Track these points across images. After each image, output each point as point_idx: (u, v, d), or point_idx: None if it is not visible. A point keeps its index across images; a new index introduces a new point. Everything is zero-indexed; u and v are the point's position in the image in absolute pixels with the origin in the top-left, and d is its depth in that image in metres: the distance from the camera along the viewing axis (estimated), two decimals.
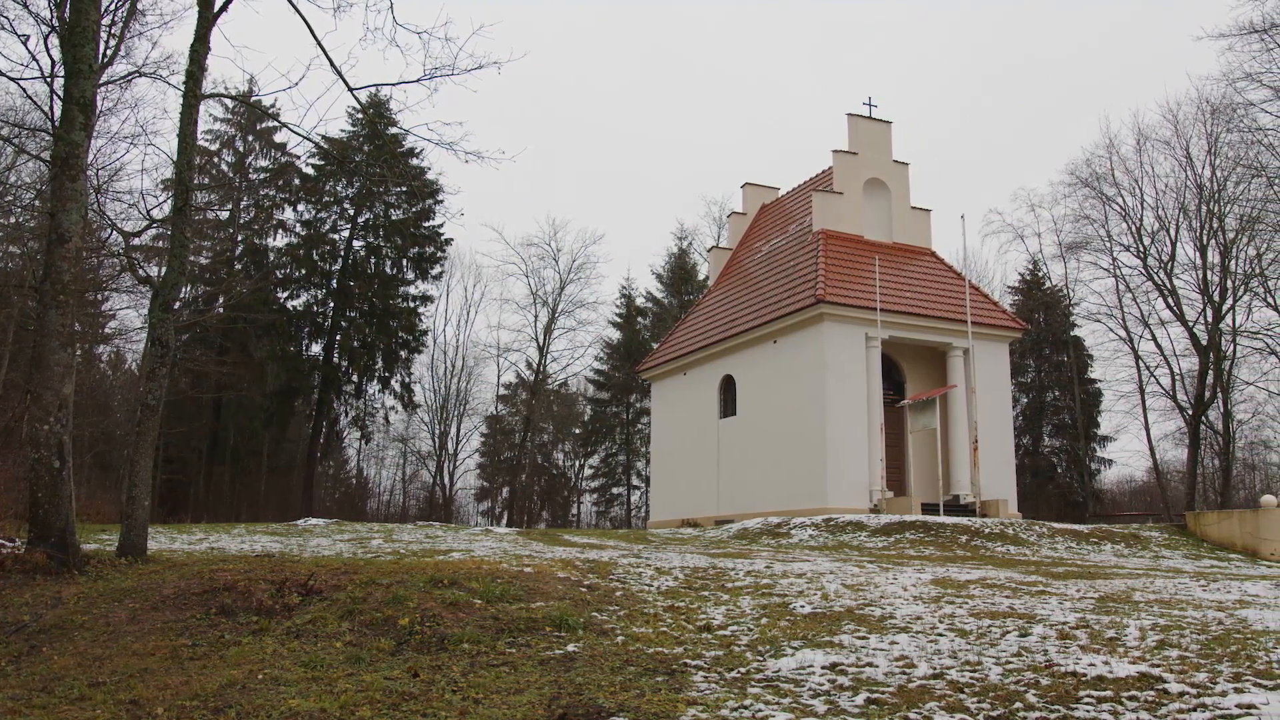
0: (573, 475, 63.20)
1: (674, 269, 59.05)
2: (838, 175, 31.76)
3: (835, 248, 30.00)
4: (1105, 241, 47.03)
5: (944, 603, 9.62)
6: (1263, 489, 51.42)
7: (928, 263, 31.62)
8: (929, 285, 30.09)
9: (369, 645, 7.56)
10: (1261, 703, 5.54)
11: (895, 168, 32.48)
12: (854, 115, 32.12)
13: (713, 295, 36.28)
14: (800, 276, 29.51)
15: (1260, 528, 21.36)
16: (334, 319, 47.32)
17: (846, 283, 28.18)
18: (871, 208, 31.83)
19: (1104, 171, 46.83)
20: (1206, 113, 43.19)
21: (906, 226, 32.20)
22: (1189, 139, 44.55)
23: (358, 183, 46.40)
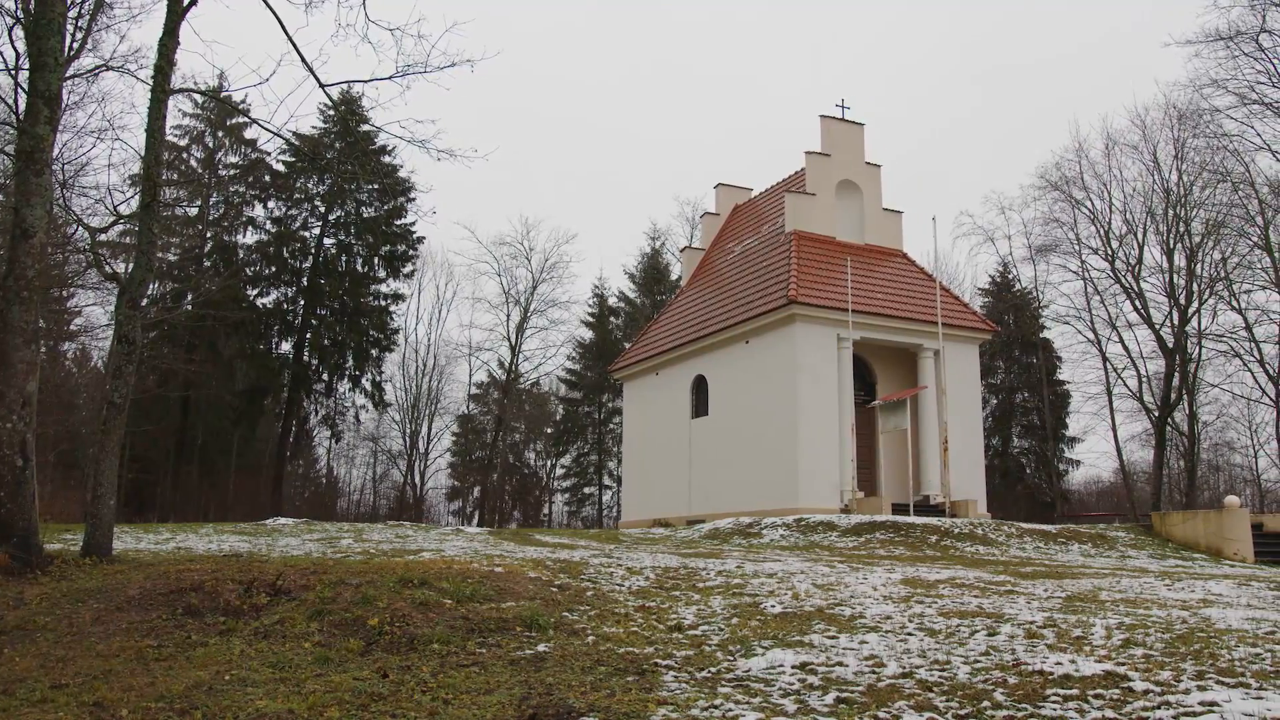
0: (544, 475, 63.11)
1: (647, 269, 59.08)
2: (810, 176, 31.90)
3: (807, 249, 30.13)
4: (1074, 244, 47.53)
5: (913, 602, 9.68)
6: (1226, 490, 52.18)
7: (899, 264, 31.82)
8: (900, 286, 30.28)
9: (338, 646, 7.50)
10: (1224, 700, 5.61)
11: (867, 169, 32.67)
12: (827, 117, 32.27)
13: (685, 295, 36.33)
14: (772, 277, 29.61)
15: (1224, 528, 21.65)
16: (304, 317, 46.99)
17: (818, 284, 28.30)
18: (844, 209, 32.00)
19: (1073, 175, 47.33)
20: (1174, 118, 43.74)
21: (878, 228, 32.39)
22: (1156, 144, 45.10)
23: (329, 180, 46.07)
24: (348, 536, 17.05)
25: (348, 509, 59.87)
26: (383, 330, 49.25)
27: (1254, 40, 37.02)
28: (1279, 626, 8.20)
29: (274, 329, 47.60)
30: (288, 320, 47.38)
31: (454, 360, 61.29)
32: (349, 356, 48.28)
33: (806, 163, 32.15)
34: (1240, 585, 12.13)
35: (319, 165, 43.37)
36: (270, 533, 17.93)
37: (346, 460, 63.94)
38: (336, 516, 51.68)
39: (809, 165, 32.01)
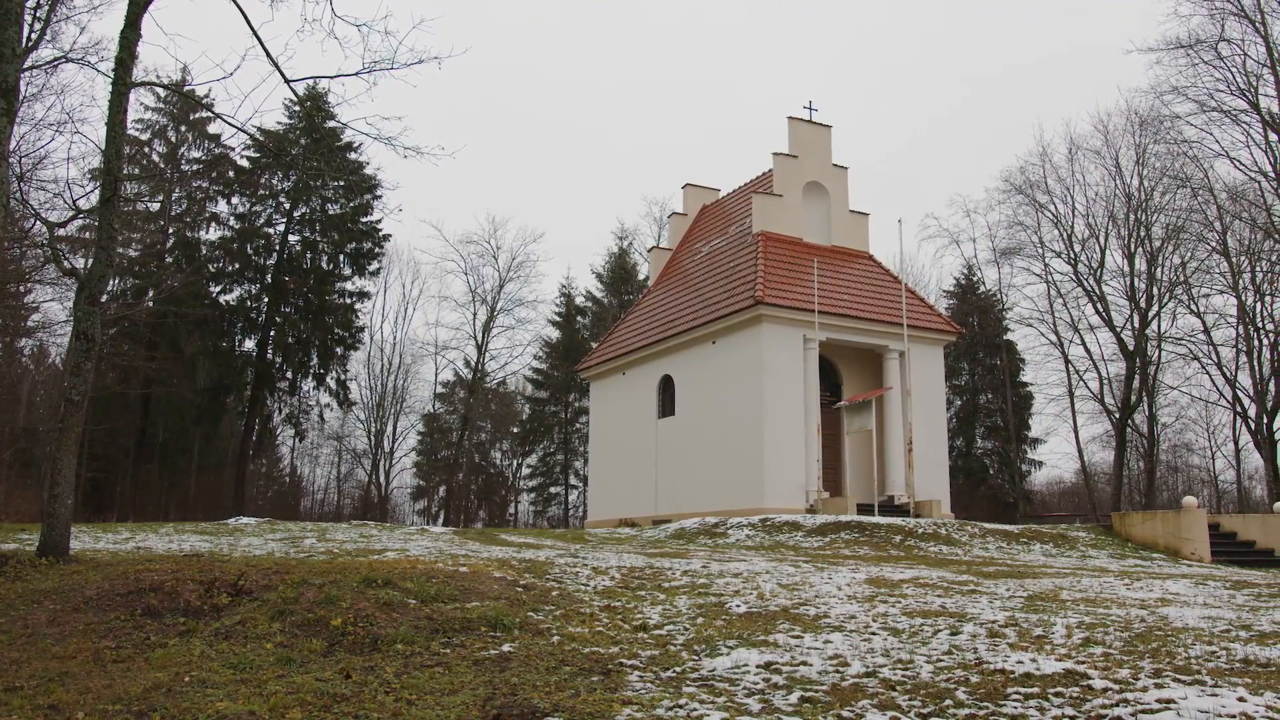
0: (510, 474, 62.91)
1: (614, 268, 59.06)
2: (778, 178, 32.02)
3: (774, 250, 30.24)
4: (1038, 248, 48.11)
5: (878, 602, 9.74)
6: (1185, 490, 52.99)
7: (865, 266, 32.02)
8: (866, 288, 30.47)
9: (300, 646, 7.43)
10: (1180, 698, 5.70)
11: (835, 171, 32.85)
12: (794, 119, 32.41)
13: (652, 295, 36.35)
14: (739, 278, 29.69)
15: (1182, 528, 21.98)
16: (268, 314, 46.51)
17: (785, 285, 28.41)
18: (811, 210, 32.15)
19: (1037, 179, 47.92)
20: (1135, 124, 44.42)
21: (845, 230, 32.57)
22: (1118, 149, 45.76)
23: (294, 176, 45.63)
24: (311, 536, 16.89)
25: (311, 509, 59.36)
26: (348, 328, 48.86)
27: (1213, 49, 37.68)
28: (1234, 625, 8.33)
29: (237, 326, 47.09)
30: (251, 317, 46.88)
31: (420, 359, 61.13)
32: (313, 354, 47.84)
33: (774, 164, 32.28)
34: (1197, 584, 12.31)
35: (284, 161, 42.94)
36: (232, 532, 17.74)
37: (310, 459, 63.43)
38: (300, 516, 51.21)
39: (776, 166, 32.14)
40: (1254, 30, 36.53)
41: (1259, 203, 39.79)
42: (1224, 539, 23.21)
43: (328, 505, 60.50)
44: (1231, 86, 38.00)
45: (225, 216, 47.10)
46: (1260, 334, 42.77)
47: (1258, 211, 39.74)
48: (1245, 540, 23.42)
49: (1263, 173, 39.19)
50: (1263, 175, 39.23)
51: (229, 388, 46.70)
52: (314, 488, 63.87)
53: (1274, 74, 36.55)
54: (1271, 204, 39.16)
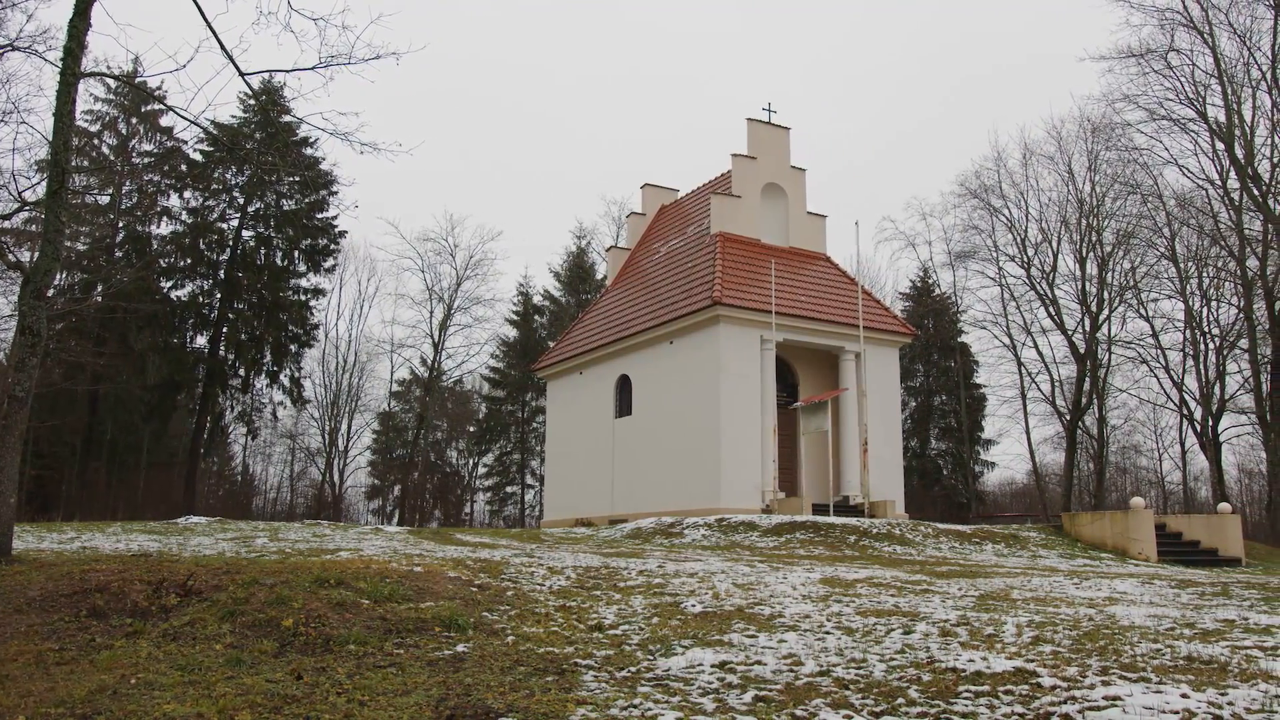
0: (466, 474, 62.58)
1: (572, 268, 58.98)
2: (736, 179, 32.13)
3: (732, 250, 30.34)
4: (992, 251, 48.75)
5: (832, 601, 9.80)
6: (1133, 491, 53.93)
7: (822, 267, 32.22)
8: (823, 290, 30.67)
9: (251, 647, 7.33)
10: (1126, 694, 5.79)
11: (793, 173, 33.03)
12: (753, 120, 32.54)
13: (610, 295, 36.32)
14: (697, 278, 29.75)
15: (1129, 528, 22.35)
16: (220, 310, 45.85)
17: (743, 285, 28.52)
18: (769, 212, 32.30)
19: (992, 184, 48.55)
20: (1088, 131, 45.15)
21: (802, 231, 32.76)
22: (1071, 155, 46.48)
23: (248, 171, 45.02)
24: (263, 535, 16.68)
25: (264, 508, 58.64)
26: (302, 325, 48.30)
27: (1163, 58, 38.41)
28: (1179, 623, 8.49)
29: (188, 322, 46.35)
30: (203, 314, 46.18)
31: (375, 357, 60.50)
32: (267, 351, 47.25)
33: (732, 165, 32.39)
34: (1144, 584, 12.53)
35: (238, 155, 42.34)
36: (182, 532, 17.46)
37: (263, 458, 62.66)
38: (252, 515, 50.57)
39: (735, 168, 32.25)
40: (1202, 41, 37.31)
41: (1206, 210, 40.63)
42: (1170, 539, 23.65)
43: (280, 504, 59.80)
44: (1181, 95, 38.79)
45: (177, 211, 46.37)
46: (1206, 338, 43.68)
47: (1205, 218, 40.58)
48: (1190, 540, 23.88)
49: (1210, 180, 40.05)
50: (1210, 183, 40.09)
51: (180, 385, 45.96)
52: (266, 487, 63.12)
53: (1221, 84, 37.33)
54: (1218, 211, 40.02)
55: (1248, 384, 41.27)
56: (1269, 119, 37.74)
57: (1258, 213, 37.73)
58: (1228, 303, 43.05)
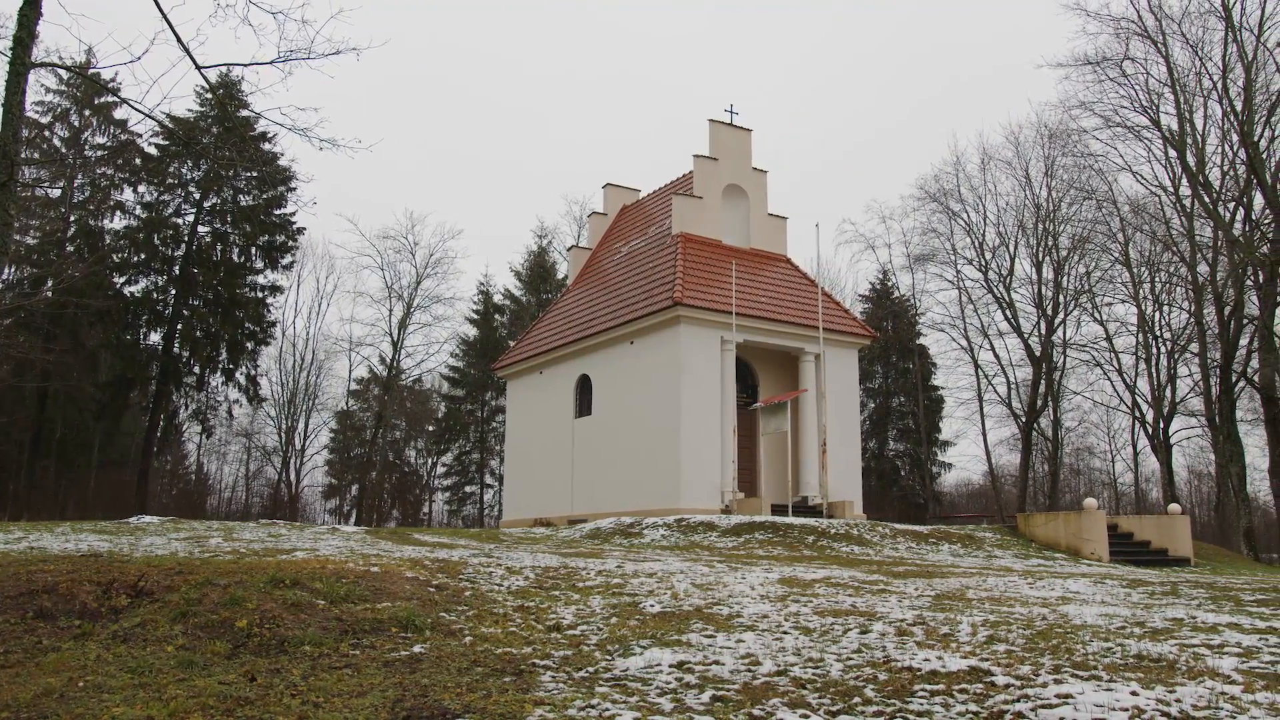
0: (425, 473, 62.20)
1: (533, 267, 58.82)
2: (698, 180, 32.19)
3: (693, 251, 30.41)
4: (950, 255, 49.31)
5: (790, 601, 9.85)
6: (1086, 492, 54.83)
7: (783, 269, 32.38)
8: (783, 291, 30.82)
9: (203, 649, 7.22)
10: (1078, 693, 5.87)
11: (754, 175, 33.16)
12: (715, 121, 32.63)
13: (571, 295, 36.26)
14: (658, 279, 29.78)
15: (1082, 529, 22.69)
16: (175, 307, 45.16)
17: (703, 286, 28.58)
18: (730, 213, 32.41)
19: (951, 188, 49.12)
20: (1045, 137, 45.84)
21: (763, 233, 32.91)
22: (1029, 161, 47.14)
23: (205, 166, 44.40)
24: (217, 535, 16.44)
25: (218, 507, 57.93)
26: (259, 322, 47.70)
27: (1118, 66, 39.00)
28: (1129, 622, 8.62)
29: (142, 319, 45.60)
30: (157, 310, 45.45)
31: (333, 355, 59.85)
32: (222, 349, 46.62)
33: (694, 166, 32.45)
34: (1096, 583, 12.71)
35: (194, 150, 41.78)
36: (133, 531, 17.17)
37: (218, 456, 61.91)
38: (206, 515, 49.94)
39: (696, 169, 32.31)
40: (1156, 51, 37.93)
41: (1159, 216, 41.36)
42: (1122, 539, 24.04)
43: (235, 504, 59.10)
44: (1135, 103, 39.42)
45: (131, 205, 45.61)
46: (1158, 342, 44.49)
47: (1157, 225, 41.31)
48: (1141, 540, 24.29)
49: (1163, 187, 40.75)
50: (1163, 190, 40.79)
51: (132, 382, 45.22)
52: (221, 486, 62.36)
53: (1174, 93, 37.99)
54: (1170, 218, 40.75)
55: (1198, 387, 42.09)
56: (1219, 128, 38.50)
57: (1208, 219, 38.44)
58: (1179, 307, 43.91)
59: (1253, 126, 36.13)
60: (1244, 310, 37.27)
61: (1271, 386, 35.99)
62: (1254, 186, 36.58)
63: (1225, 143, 38.38)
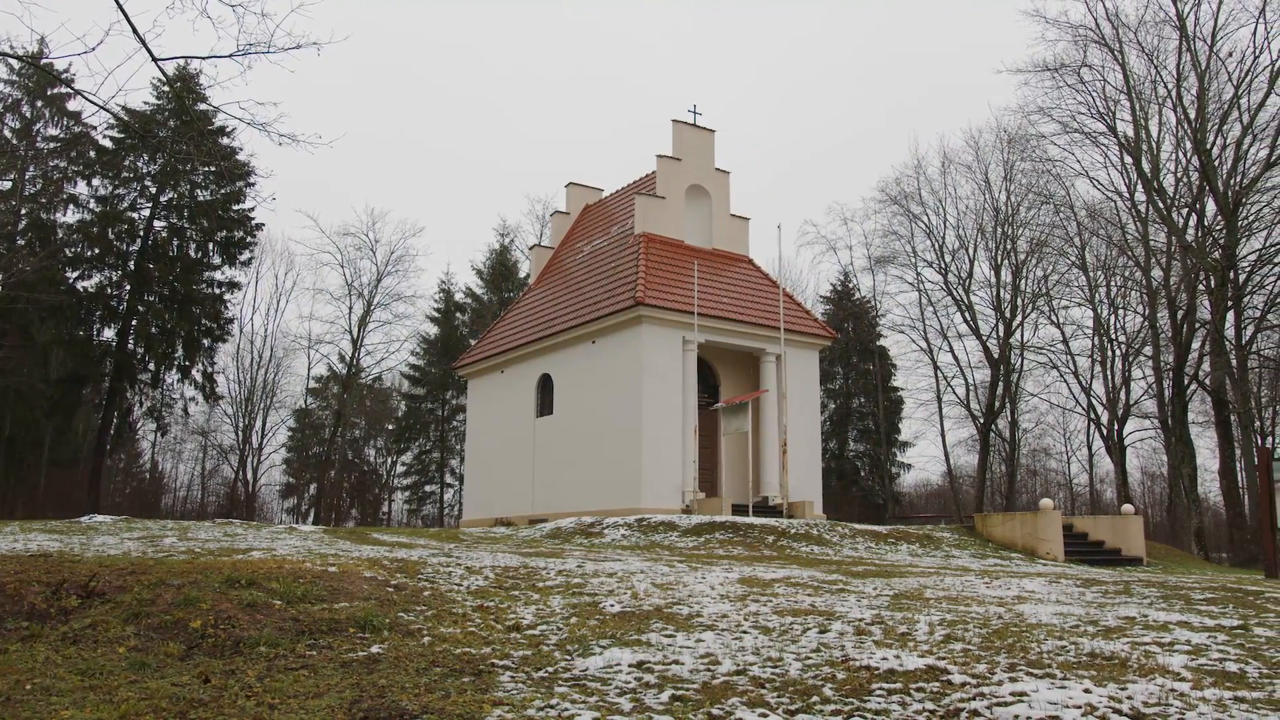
0: (384, 472, 61.72)
1: (495, 265, 58.59)
2: (661, 180, 32.22)
3: (656, 251, 30.43)
4: (911, 257, 49.77)
5: (749, 601, 9.88)
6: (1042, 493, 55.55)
7: (745, 270, 32.49)
8: (745, 292, 30.93)
9: (156, 650, 7.11)
10: (1032, 690, 5.94)
11: (717, 175, 33.24)
12: (679, 122, 32.68)
13: (533, 294, 36.15)
14: (620, 278, 29.77)
15: (1038, 529, 22.97)
16: (130, 303, 44.43)
17: (666, 286, 28.62)
18: (693, 213, 32.47)
19: (912, 191, 49.58)
20: (1004, 141, 46.38)
21: (726, 233, 33.00)
22: (988, 165, 47.69)
23: (161, 159, 43.72)
24: (171, 535, 16.21)
25: (173, 506, 57.12)
26: (216, 319, 47.06)
27: (1076, 73, 39.59)
28: (1083, 621, 8.74)
29: (95, 314, 44.80)
30: (111, 305, 44.69)
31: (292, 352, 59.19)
32: (178, 346, 45.92)
33: (657, 166, 32.47)
34: (1051, 582, 12.87)
35: (150, 143, 41.14)
36: (85, 531, 16.88)
37: (173, 455, 61.02)
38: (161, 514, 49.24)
39: (659, 169, 32.34)
40: (1113, 58, 38.54)
41: (1115, 221, 42.01)
42: (1077, 539, 24.38)
43: (191, 503, 58.31)
44: (1092, 110, 40.03)
45: (85, 199, 44.82)
46: (1113, 345, 45.16)
47: (1113, 229, 41.95)
48: (1096, 540, 24.64)
49: (1118, 193, 41.42)
50: (1118, 195, 41.46)
51: (85, 379, 44.44)
52: (176, 485, 61.49)
53: (1130, 100, 38.61)
54: (1126, 223, 41.40)
55: (1151, 390, 42.79)
56: (1173, 135, 39.19)
57: (1162, 225, 39.11)
58: (1134, 311, 44.62)
59: (1205, 134, 36.82)
60: (1196, 315, 37.95)
61: (1222, 390, 36.70)
62: (1206, 193, 37.30)
63: (1179, 150, 39.10)
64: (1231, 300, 36.79)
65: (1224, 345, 36.74)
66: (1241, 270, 37.12)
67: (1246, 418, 38.80)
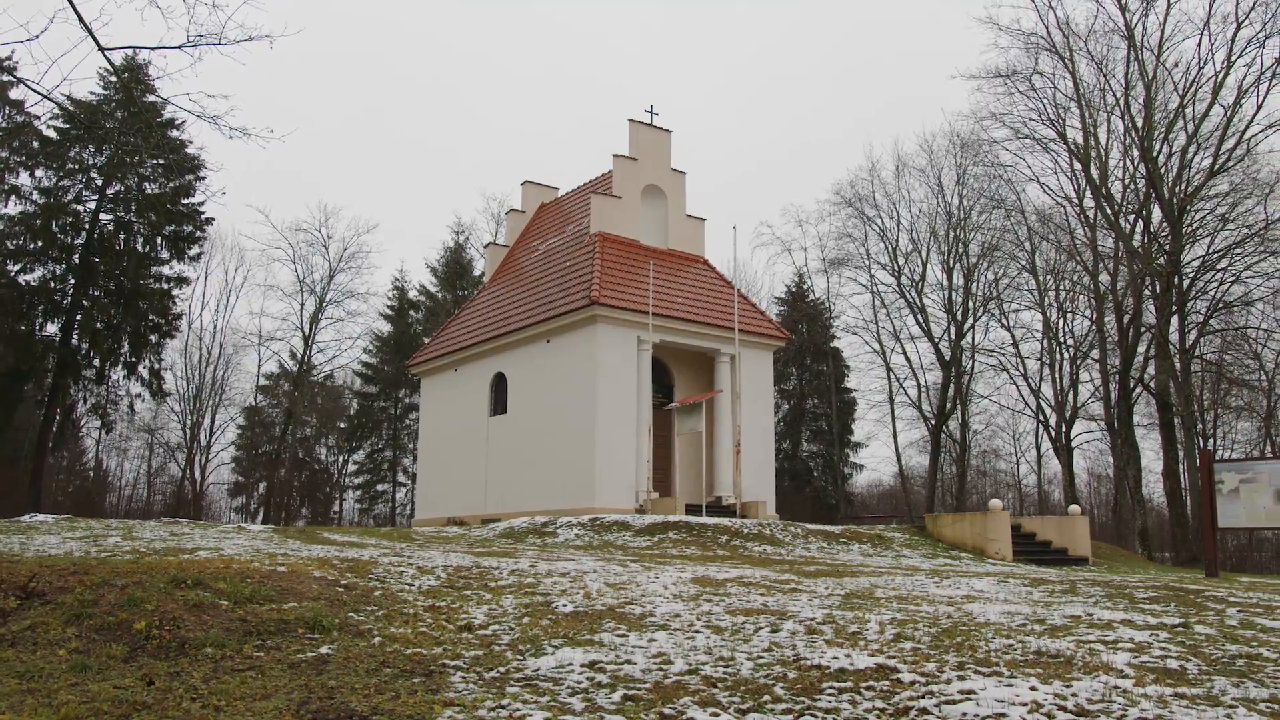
0: (336, 471, 61.06)
1: (449, 263, 58.21)
2: (617, 179, 32.21)
3: (611, 251, 30.41)
4: (864, 259, 50.24)
5: (702, 601, 9.90)
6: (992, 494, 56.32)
7: (700, 270, 32.58)
8: (700, 292, 31.01)
9: (98, 652, 6.97)
10: (980, 688, 6.02)
11: (673, 176, 33.30)
12: (635, 122, 32.69)
13: (488, 292, 35.97)
14: (576, 277, 29.72)
15: (988, 529, 23.28)
16: (74, 297, 43.49)
17: (621, 286, 28.61)
18: (649, 213, 32.50)
19: (866, 194, 50.02)
20: (957, 146, 46.96)
21: (681, 234, 33.07)
22: (941, 169, 48.27)
23: (108, 151, 42.86)
24: (116, 534, 15.91)
25: (118, 505, 56.07)
26: (164, 315, 46.21)
27: (1028, 80, 40.17)
28: (1030, 620, 8.86)
29: (38, 309, 43.76)
30: (54, 300, 43.70)
31: (242, 349, 58.34)
32: (125, 341, 45.03)
33: (614, 166, 32.46)
34: (999, 582, 13.04)
35: (96, 134, 40.33)
36: (25, 530, 16.52)
37: (118, 453, 59.88)
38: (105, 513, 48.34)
39: (616, 168, 32.33)
40: (1064, 66, 39.15)
41: (1064, 226, 42.73)
42: (1025, 539, 24.74)
43: (136, 502, 57.27)
44: (1043, 116, 40.64)
45: (27, 190, 43.73)
46: (1062, 349, 45.95)
47: (1062, 234, 42.67)
48: (1043, 540, 25.03)
49: (1068, 198, 42.10)
50: (1068, 201, 42.14)
51: (27, 374, 43.40)
52: (121, 483, 60.36)
53: (1080, 108, 39.26)
54: (1075, 228, 42.11)
55: (1098, 393, 43.58)
56: (1121, 143, 39.90)
57: (1110, 231, 39.83)
58: (1082, 315, 45.41)
59: (1152, 142, 37.55)
60: (1142, 319, 38.69)
61: (1166, 393, 37.44)
62: (1153, 200, 38.03)
63: (1127, 157, 39.82)
64: (1176, 305, 37.57)
65: (1168, 349, 37.49)
66: (1186, 276, 37.92)
67: (1189, 420, 39.64)
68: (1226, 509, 17.70)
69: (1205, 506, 18.15)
